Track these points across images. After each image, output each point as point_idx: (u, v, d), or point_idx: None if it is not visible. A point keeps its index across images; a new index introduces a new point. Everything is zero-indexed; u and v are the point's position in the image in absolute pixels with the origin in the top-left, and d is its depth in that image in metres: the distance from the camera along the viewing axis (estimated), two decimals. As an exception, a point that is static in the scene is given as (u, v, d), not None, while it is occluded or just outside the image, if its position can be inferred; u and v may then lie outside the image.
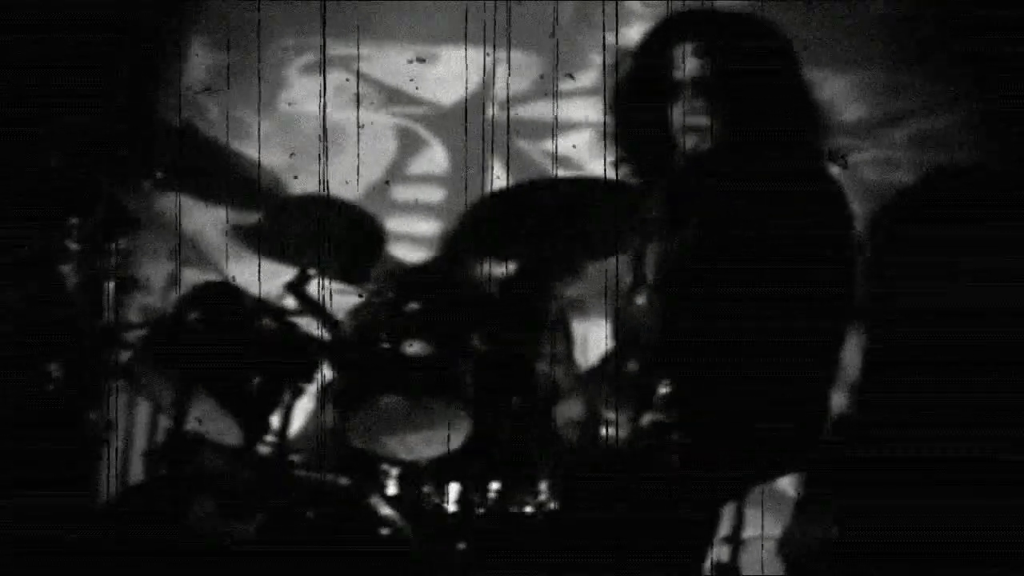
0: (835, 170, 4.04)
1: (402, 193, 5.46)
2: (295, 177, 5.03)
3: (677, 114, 4.03)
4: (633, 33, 4.24)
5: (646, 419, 3.94)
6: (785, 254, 3.86)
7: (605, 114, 4.18)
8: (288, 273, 4.69)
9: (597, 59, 5.06)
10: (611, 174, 4.21)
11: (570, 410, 4.22)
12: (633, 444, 3.98)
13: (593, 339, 4.60)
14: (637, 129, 4.13)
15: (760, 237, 3.87)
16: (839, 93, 5.18)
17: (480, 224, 4.80)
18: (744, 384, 3.82)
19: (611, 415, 4.06)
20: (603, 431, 4.09)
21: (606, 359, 4.27)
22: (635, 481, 3.87)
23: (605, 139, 4.19)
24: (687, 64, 4.01)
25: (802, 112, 4.07)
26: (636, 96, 4.12)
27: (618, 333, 4.21)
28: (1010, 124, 5.06)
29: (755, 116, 4.00)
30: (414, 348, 4.47)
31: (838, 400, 3.92)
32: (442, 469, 4.50)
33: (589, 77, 5.22)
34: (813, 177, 4.02)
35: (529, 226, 4.72)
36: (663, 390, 3.92)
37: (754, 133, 4.00)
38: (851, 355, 3.89)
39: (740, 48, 4.02)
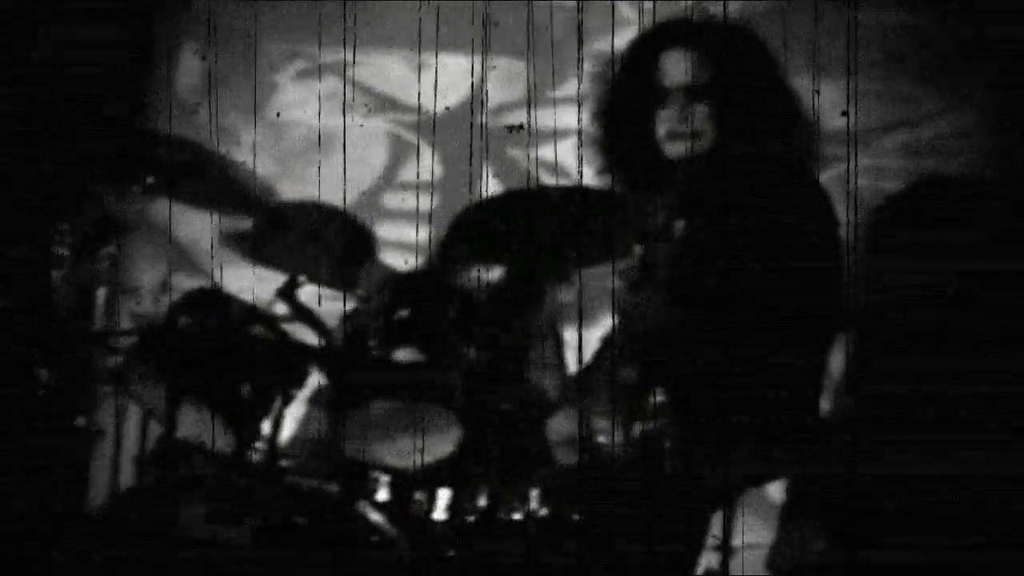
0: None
1: (392, 200, 5.47)
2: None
3: (663, 122, 4.04)
4: (623, 41, 4.24)
5: (638, 427, 3.94)
6: (772, 260, 3.87)
7: (583, 120, 4.19)
8: (278, 279, 4.69)
9: (587, 67, 5.06)
10: (595, 182, 4.22)
11: (563, 426, 4.21)
12: (626, 451, 3.98)
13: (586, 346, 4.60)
14: (623, 137, 4.14)
15: (748, 243, 3.88)
16: (830, 101, 5.17)
17: (470, 231, 4.79)
18: (734, 388, 3.83)
19: (603, 423, 4.05)
20: (595, 439, 4.09)
21: (593, 366, 4.26)
22: (627, 488, 3.87)
23: (586, 144, 4.19)
24: (673, 72, 4.03)
25: (788, 120, 4.09)
26: (622, 104, 4.13)
27: (611, 341, 4.21)
28: (1002, 132, 5.07)
29: (742, 124, 4.01)
30: (404, 355, 4.47)
31: (826, 402, 3.92)
32: (432, 476, 4.50)
33: (575, 85, 5.21)
34: (800, 184, 4.03)
35: (519, 232, 4.71)
36: (658, 398, 3.92)
37: (741, 141, 4.01)
38: (838, 358, 3.89)
39: (726, 56, 4.03)
